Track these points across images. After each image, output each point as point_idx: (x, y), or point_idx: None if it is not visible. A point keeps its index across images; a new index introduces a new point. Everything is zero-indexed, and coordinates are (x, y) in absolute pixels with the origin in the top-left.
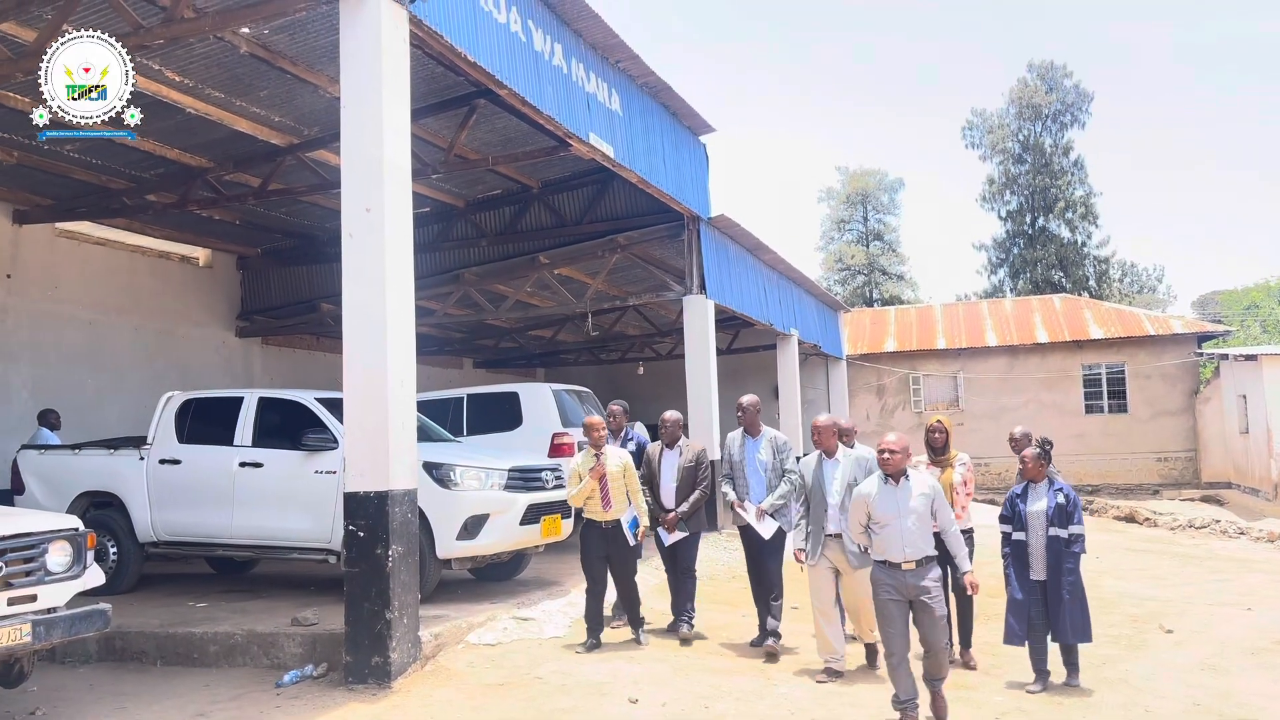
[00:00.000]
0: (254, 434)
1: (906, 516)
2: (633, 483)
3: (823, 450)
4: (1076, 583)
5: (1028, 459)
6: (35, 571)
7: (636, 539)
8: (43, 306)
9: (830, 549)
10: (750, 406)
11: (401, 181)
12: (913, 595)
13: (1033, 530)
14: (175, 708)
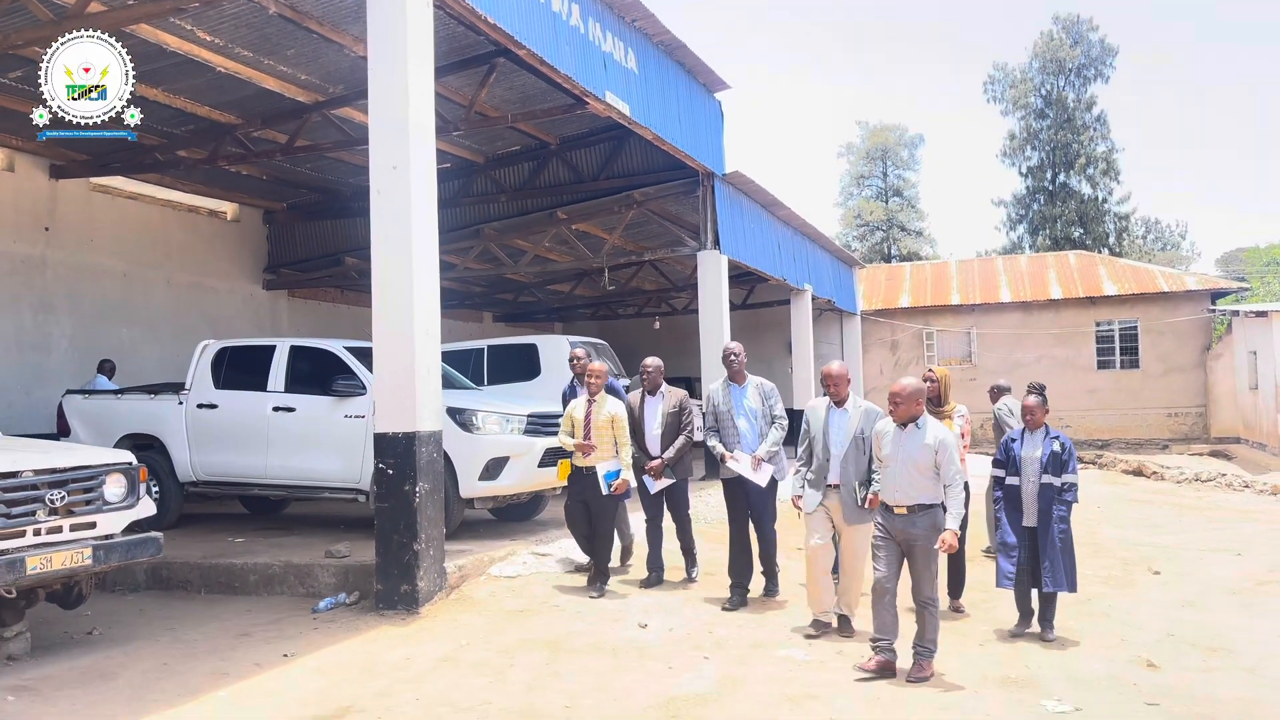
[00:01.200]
0: (286, 380)
1: (905, 462)
2: (621, 435)
3: (833, 399)
4: (1067, 531)
5: (1030, 406)
6: (94, 501)
7: (610, 489)
8: (80, 259)
9: (830, 499)
10: (737, 354)
11: (426, 141)
12: (901, 539)
13: (1026, 476)
14: (220, 630)
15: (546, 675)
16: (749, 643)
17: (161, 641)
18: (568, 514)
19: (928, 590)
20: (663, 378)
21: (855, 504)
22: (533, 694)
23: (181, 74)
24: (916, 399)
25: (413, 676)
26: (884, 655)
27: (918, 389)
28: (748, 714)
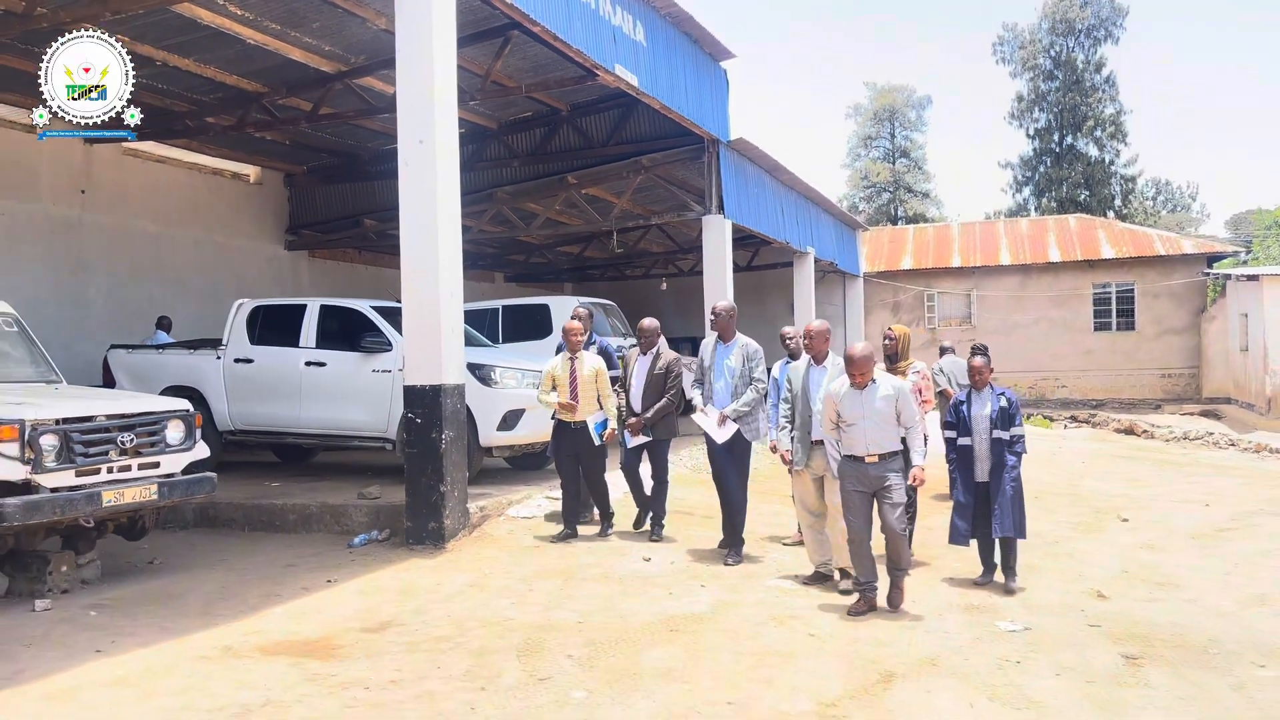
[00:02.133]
0: (317, 337)
1: (869, 417)
2: (604, 387)
3: (813, 356)
4: (1018, 480)
5: (977, 366)
6: (158, 443)
7: (602, 439)
8: (113, 220)
9: (815, 455)
10: (724, 312)
11: (450, 117)
12: (874, 486)
13: (977, 434)
14: (267, 561)
15: (561, 597)
16: (742, 574)
17: (216, 570)
18: (559, 470)
19: (901, 525)
20: (658, 338)
21: (839, 458)
22: (549, 612)
23: (213, 45)
24: (871, 360)
25: (444, 598)
26: (870, 595)
27: (870, 355)
28: (738, 629)
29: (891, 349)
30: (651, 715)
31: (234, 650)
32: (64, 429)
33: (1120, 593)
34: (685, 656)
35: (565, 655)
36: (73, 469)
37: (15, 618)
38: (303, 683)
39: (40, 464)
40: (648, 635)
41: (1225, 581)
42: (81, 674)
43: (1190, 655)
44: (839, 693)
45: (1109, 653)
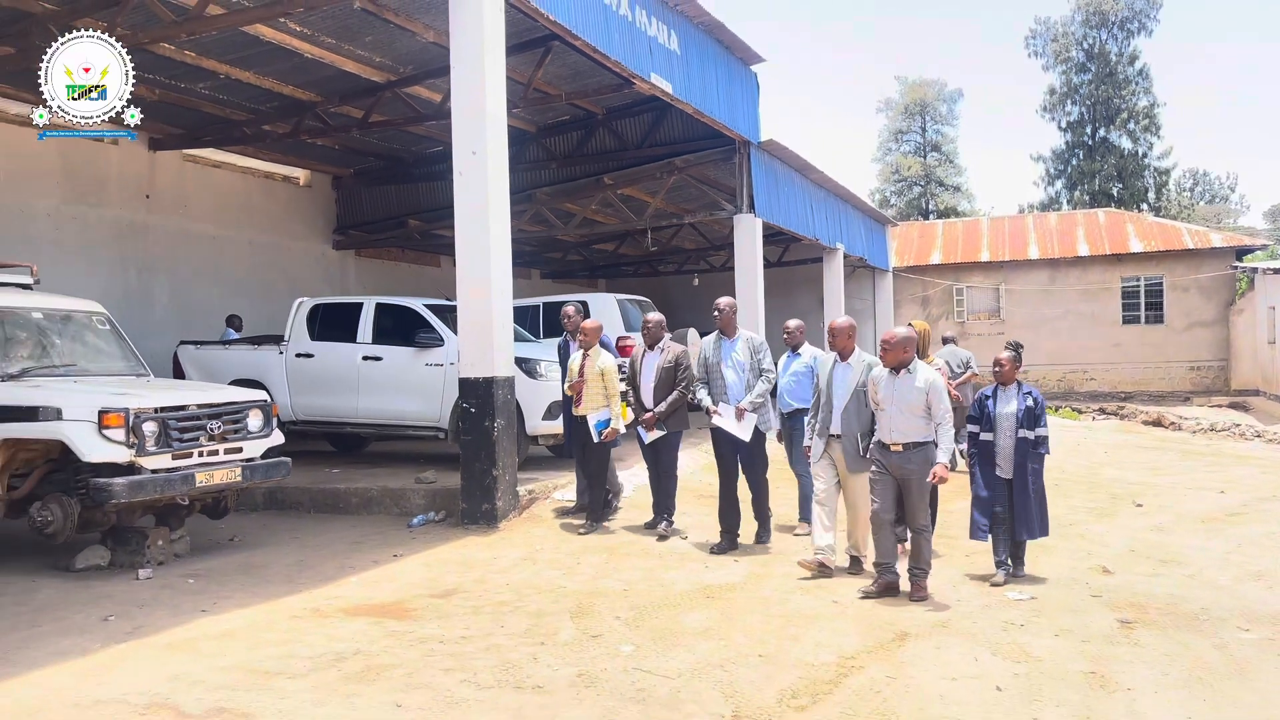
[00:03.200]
0: (373, 333)
1: (900, 404)
2: (611, 385)
3: (838, 352)
4: (1040, 482)
5: (1004, 362)
6: (240, 430)
7: (600, 437)
8: (175, 224)
9: (832, 449)
10: (726, 308)
11: (500, 131)
12: (898, 474)
13: (1001, 431)
14: (336, 539)
15: (607, 569)
16: (773, 552)
17: (291, 546)
18: (575, 456)
19: (922, 519)
20: (664, 333)
21: (857, 453)
22: (597, 581)
23: (271, 59)
24: (905, 346)
25: (501, 569)
26: (888, 577)
27: (907, 337)
28: (768, 596)
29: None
30: (691, 665)
31: (321, 611)
32: (162, 417)
33: (1125, 568)
34: (720, 618)
35: (613, 617)
36: (169, 453)
37: (123, 585)
38: (384, 637)
39: (142, 448)
40: (686, 601)
41: (1227, 559)
42: (193, 629)
43: (1181, 621)
44: (857, 648)
45: (1106, 618)
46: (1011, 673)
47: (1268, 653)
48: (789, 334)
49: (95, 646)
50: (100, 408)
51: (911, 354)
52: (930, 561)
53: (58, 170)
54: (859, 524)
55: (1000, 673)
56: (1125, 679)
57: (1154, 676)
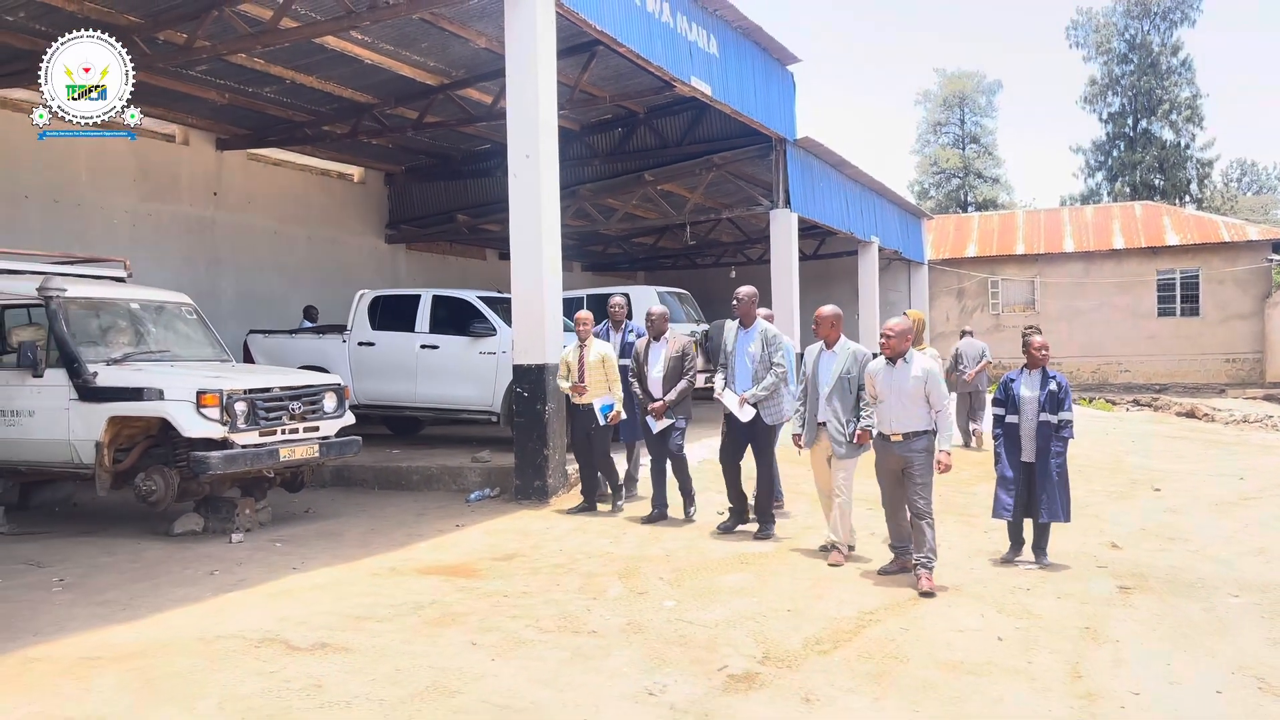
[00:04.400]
0: (430, 323)
1: (898, 394)
2: (611, 372)
3: (823, 340)
4: (1063, 465)
5: (1045, 346)
6: (317, 410)
7: (607, 420)
8: (240, 219)
9: (821, 437)
10: (745, 297)
11: (551, 136)
12: (900, 465)
13: (1025, 415)
14: (401, 511)
15: (650, 539)
16: (802, 526)
17: (361, 517)
18: (573, 448)
19: (922, 505)
20: (667, 324)
21: (842, 439)
22: (641, 549)
23: (333, 65)
24: (905, 336)
25: (554, 538)
26: (904, 556)
27: (906, 327)
28: (797, 563)
29: None
30: (726, 617)
31: (397, 570)
32: (250, 397)
33: (1133, 545)
34: (753, 580)
35: (657, 578)
36: (257, 430)
37: (219, 547)
38: (455, 591)
39: (235, 425)
40: (722, 565)
41: (1232, 538)
42: (289, 582)
43: (1177, 588)
44: (876, 605)
45: (1108, 585)
46: (1013, 627)
47: (1251, 615)
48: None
49: (207, 595)
50: (198, 389)
51: (909, 344)
52: (935, 549)
53: (135, 170)
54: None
55: (1003, 627)
56: (1115, 633)
57: (1142, 632)
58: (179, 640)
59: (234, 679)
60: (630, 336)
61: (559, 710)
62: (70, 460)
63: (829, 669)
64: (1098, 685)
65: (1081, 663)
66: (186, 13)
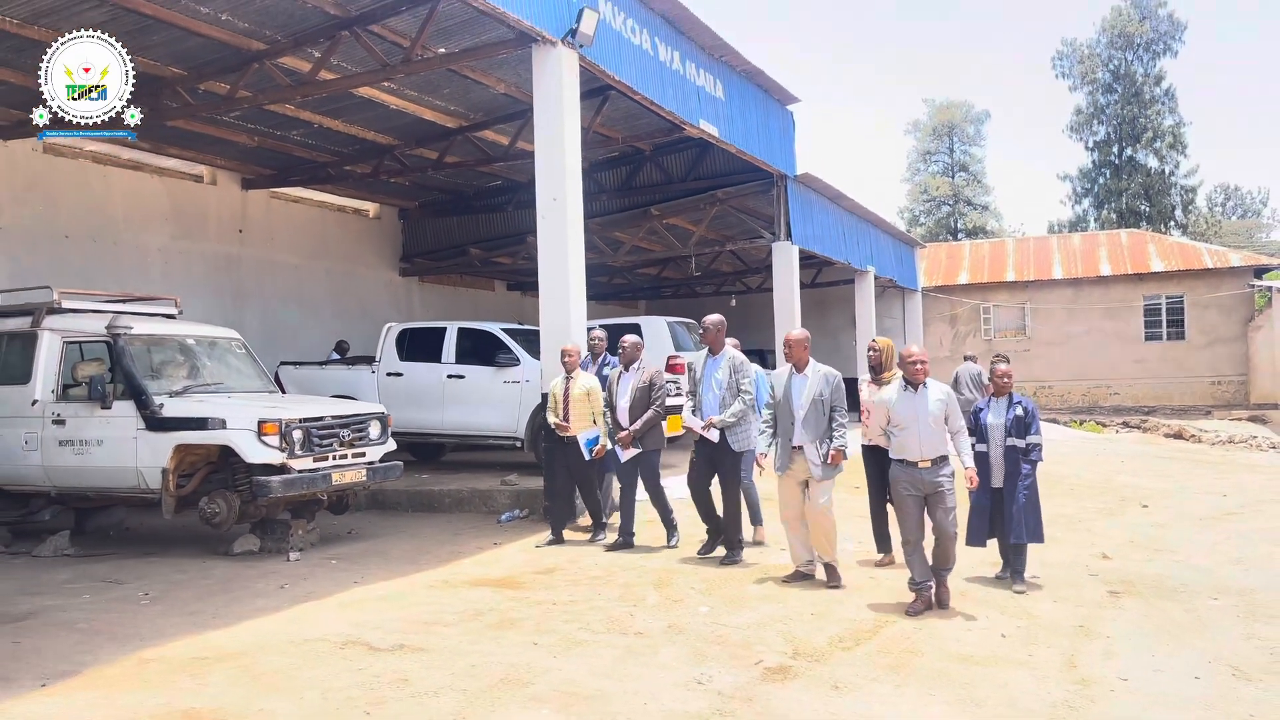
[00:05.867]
0: (456, 354)
1: (923, 419)
2: (596, 405)
3: (793, 364)
4: (1031, 487)
5: (1010, 374)
6: (364, 437)
7: (592, 455)
8: (264, 255)
9: (795, 461)
10: (712, 326)
11: (576, 181)
12: (928, 490)
13: (992, 442)
14: (439, 531)
15: (679, 555)
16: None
17: (403, 537)
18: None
19: (952, 528)
20: (640, 354)
21: (819, 461)
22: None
23: (358, 109)
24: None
25: (589, 553)
26: (927, 594)
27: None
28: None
29: (876, 360)
30: (757, 619)
31: (450, 583)
32: (306, 425)
33: (1122, 555)
34: (778, 588)
35: (689, 587)
36: (311, 456)
37: (279, 564)
38: (506, 600)
39: (292, 452)
40: (749, 576)
41: (1214, 549)
42: (354, 594)
43: (1162, 593)
44: (891, 609)
45: (1099, 590)
46: (1015, 625)
47: (1228, 615)
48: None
49: (284, 605)
50: (259, 418)
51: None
52: (954, 562)
53: (167, 209)
54: (823, 531)
55: (1006, 625)
56: (1106, 631)
57: (1130, 629)
58: (271, 643)
59: (328, 674)
60: (606, 370)
61: (622, 696)
62: (137, 486)
63: (853, 662)
64: (1090, 673)
65: (1076, 655)
66: (229, 65)
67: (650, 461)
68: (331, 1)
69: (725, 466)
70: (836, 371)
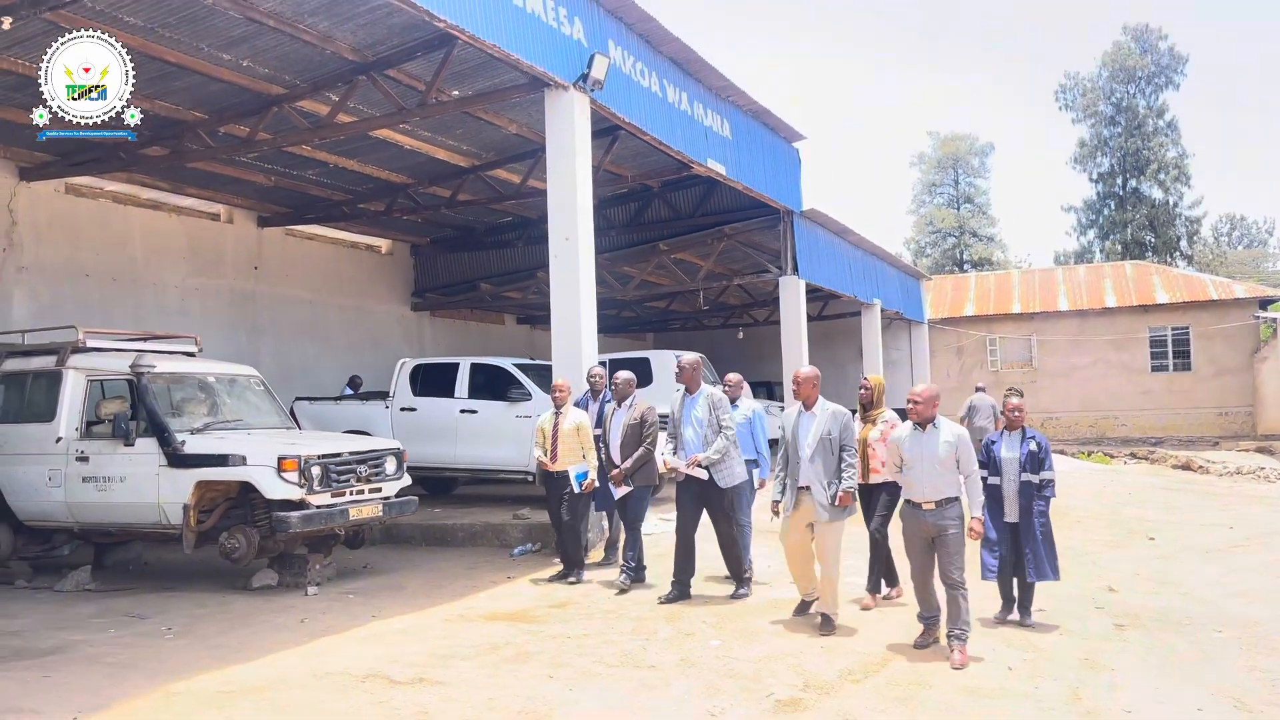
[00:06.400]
0: (469, 389)
1: (929, 461)
2: (585, 441)
3: (802, 402)
4: (1047, 523)
5: (1022, 408)
6: (380, 473)
7: (581, 489)
8: (279, 291)
9: (803, 502)
10: (688, 365)
11: (588, 220)
12: (933, 533)
13: (1006, 475)
14: (453, 566)
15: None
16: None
17: (417, 571)
18: (551, 514)
19: (956, 575)
20: (633, 390)
21: (826, 503)
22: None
23: (373, 150)
24: (933, 403)
25: (600, 587)
26: (934, 628)
27: (934, 393)
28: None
29: (866, 398)
30: (767, 653)
31: (466, 617)
32: (324, 462)
33: (1127, 588)
34: (788, 622)
35: (701, 621)
36: (329, 491)
37: (298, 599)
38: (522, 634)
39: (311, 488)
40: (758, 610)
41: (1219, 582)
42: (373, 628)
43: (1167, 626)
44: (899, 642)
45: (1104, 623)
46: (1021, 658)
47: (1232, 647)
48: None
49: (304, 639)
50: (279, 454)
51: (937, 410)
52: (970, 622)
53: (185, 248)
54: (829, 580)
55: (1012, 658)
56: (1111, 663)
57: (1135, 662)
58: (294, 676)
59: (352, 706)
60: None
61: None
62: (159, 521)
63: (863, 695)
64: (1096, 705)
65: (1081, 688)
66: (249, 108)
67: (639, 497)
68: (350, 47)
69: (716, 504)
70: (846, 410)
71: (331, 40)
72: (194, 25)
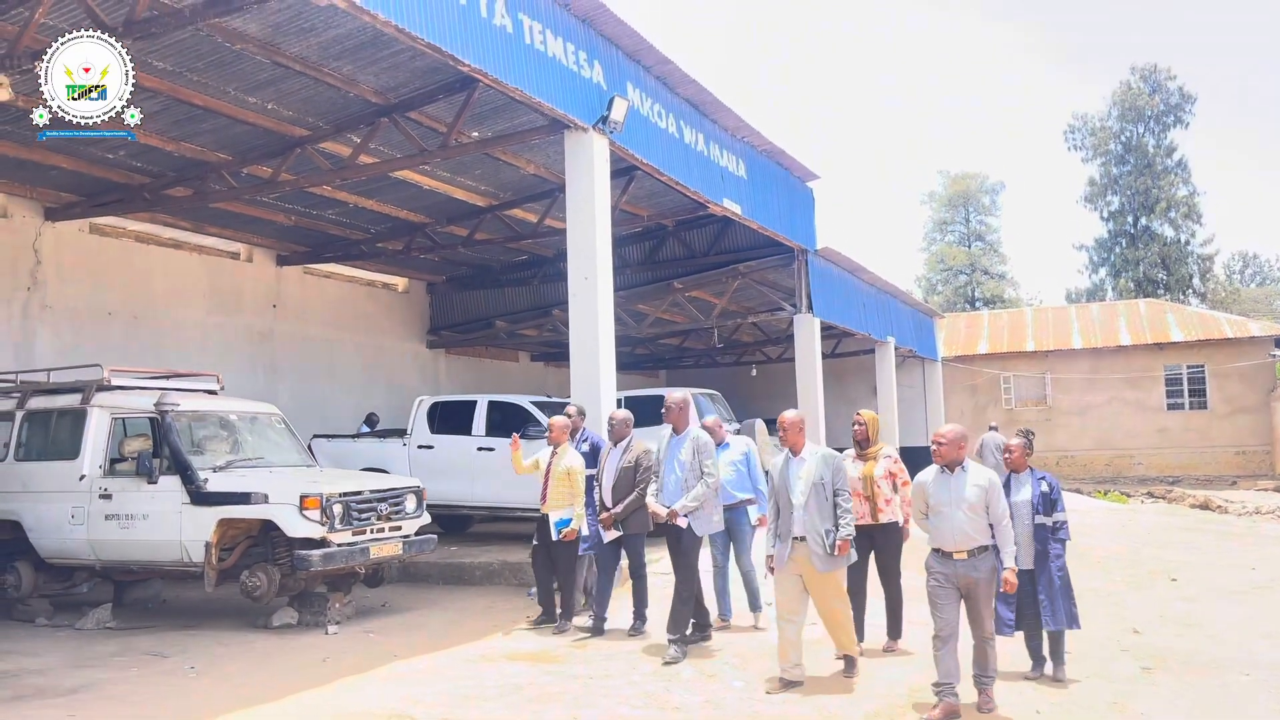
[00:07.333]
0: (486, 427)
1: (959, 506)
2: (575, 485)
3: (789, 448)
4: (1063, 568)
5: (1014, 448)
6: (400, 511)
7: (560, 536)
8: (297, 329)
9: (796, 552)
10: (675, 405)
11: (606, 261)
12: (964, 585)
13: (1019, 518)
14: (470, 604)
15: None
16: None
17: (436, 610)
18: (532, 557)
19: (989, 627)
20: (629, 430)
21: (824, 552)
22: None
23: (392, 189)
24: (960, 444)
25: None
26: (949, 699)
27: (960, 434)
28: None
29: (861, 434)
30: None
31: (487, 657)
32: (345, 500)
33: (1153, 630)
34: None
35: (723, 662)
36: (350, 530)
37: (318, 638)
38: (543, 674)
39: (332, 526)
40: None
41: (1244, 624)
42: (394, 668)
43: (1194, 669)
44: (923, 684)
45: (1131, 666)
46: (1049, 702)
47: (1261, 690)
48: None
49: (327, 679)
50: (301, 493)
51: (965, 452)
52: (996, 669)
53: (205, 286)
54: (838, 625)
55: (1041, 701)
56: (1140, 708)
57: (1164, 706)
58: (319, 716)
59: None
60: (584, 447)
61: None
62: (180, 559)
63: None
64: None
65: None
66: (272, 150)
67: (635, 545)
68: (372, 90)
69: (680, 547)
70: (835, 452)
71: (355, 83)
72: (221, 70)
